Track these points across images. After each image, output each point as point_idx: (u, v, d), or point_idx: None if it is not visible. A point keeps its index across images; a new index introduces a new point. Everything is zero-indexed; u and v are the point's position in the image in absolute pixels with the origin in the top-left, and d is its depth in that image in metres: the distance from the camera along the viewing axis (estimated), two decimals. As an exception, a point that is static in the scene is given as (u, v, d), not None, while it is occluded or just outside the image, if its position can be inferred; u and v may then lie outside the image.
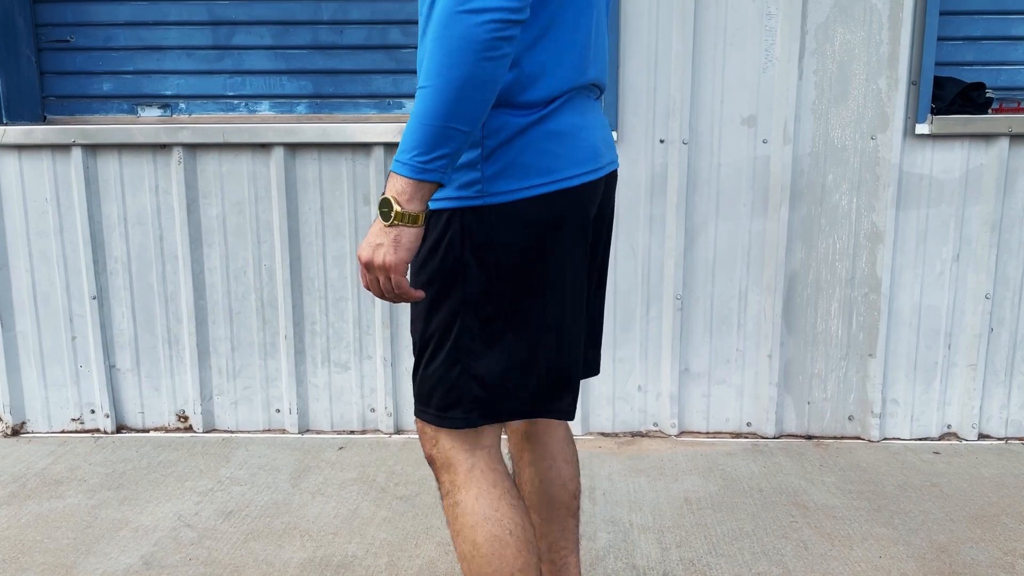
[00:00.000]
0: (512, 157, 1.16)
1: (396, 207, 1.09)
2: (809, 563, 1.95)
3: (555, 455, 1.49)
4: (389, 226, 1.10)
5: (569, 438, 1.52)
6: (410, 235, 1.11)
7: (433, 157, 1.07)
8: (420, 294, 1.18)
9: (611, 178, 1.37)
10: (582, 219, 1.23)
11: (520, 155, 1.16)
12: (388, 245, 1.11)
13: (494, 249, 1.17)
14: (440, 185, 1.10)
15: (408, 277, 1.18)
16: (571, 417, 1.32)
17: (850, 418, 2.70)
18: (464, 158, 1.17)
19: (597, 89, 1.32)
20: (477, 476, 1.25)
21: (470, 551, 1.23)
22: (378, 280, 1.14)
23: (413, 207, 1.09)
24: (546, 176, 1.17)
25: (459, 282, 1.19)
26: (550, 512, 1.50)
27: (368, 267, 1.13)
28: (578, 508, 1.53)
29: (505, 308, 1.20)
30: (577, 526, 1.54)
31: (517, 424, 1.51)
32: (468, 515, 1.23)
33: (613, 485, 2.36)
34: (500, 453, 1.31)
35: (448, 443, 1.27)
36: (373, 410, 2.76)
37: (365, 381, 2.75)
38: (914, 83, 2.51)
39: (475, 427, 1.25)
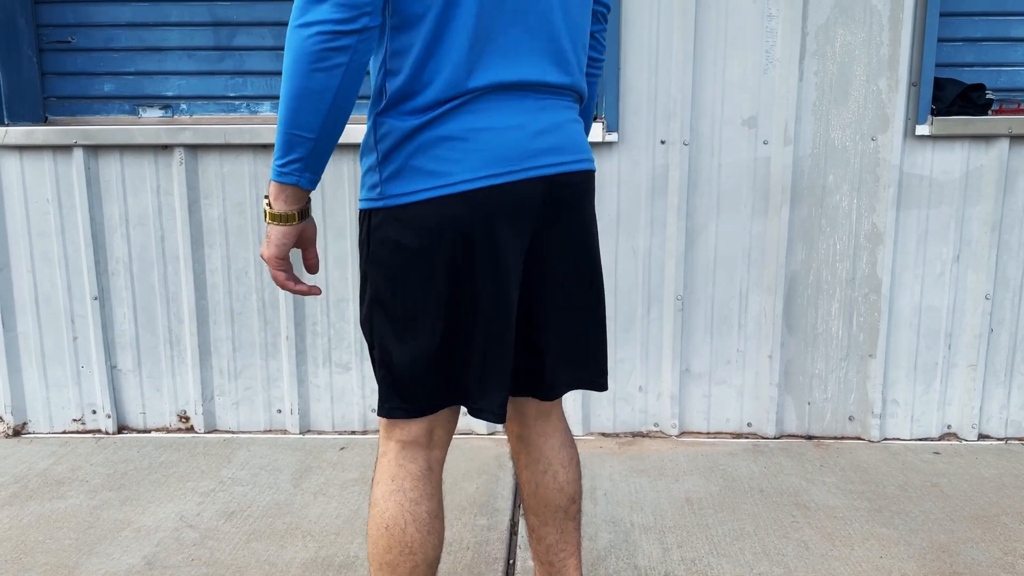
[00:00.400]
0: (404, 161, 1.21)
1: (266, 207, 1.20)
2: (810, 563, 1.95)
3: (550, 459, 1.48)
4: (267, 224, 1.23)
5: (566, 442, 1.51)
6: (279, 233, 1.21)
7: (287, 161, 1.15)
8: (301, 288, 1.27)
9: (563, 180, 1.30)
10: (488, 224, 1.22)
11: (411, 159, 1.21)
12: (264, 241, 1.24)
13: (391, 249, 1.23)
14: (300, 188, 1.18)
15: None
16: (497, 420, 1.30)
17: (850, 418, 2.71)
18: (368, 162, 1.25)
19: (541, 88, 1.27)
20: (384, 465, 1.33)
21: (368, 526, 1.35)
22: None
23: (279, 207, 1.19)
24: (436, 180, 1.20)
25: (370, 279, 1.28)
26: (546, 515, 1.50)
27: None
28: (577, 512, 1.53)
29: (406, 306, 1.25)
30: (577, 529, 1.53)
31: (513, 427, 1.51)
32: (373, 496, 1.34)
33: (614, 485, 2.37)
34: (419, 451, 1.33)
35: (381, 429, 1.36)
36: (374, 410, 2.76)
37: (366, 381, 2.75)
38: (914, 84, 2.51)
39: (393, 418, 1.31)
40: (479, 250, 1.23)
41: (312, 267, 1.33)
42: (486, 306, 1.26)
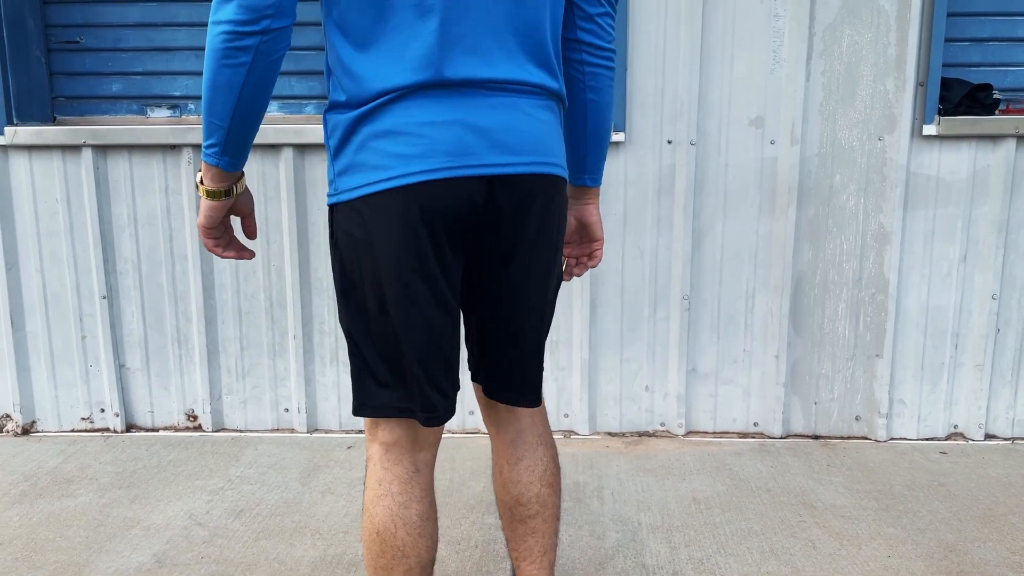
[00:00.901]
0: (351, 156, 1.25)
1: (198, 182, 1.30)
2: (818, 562, 1.96)
3: (499, 452, 1.47)
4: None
5: (520, 441, 1.46)
6: (205, 205, 1.30)
7: (208, 144, 1.24)
8: (228, 254, 1.36)
9: (508, 183, 1.26)
10: (427, 218, 1.22)
11: (357, 154, 1.24)
12: (198, 212, 1.34)
13: (347, 241, 1.27)
14: (221, 170, 1.26)
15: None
16: (430, 423, 1.30)
17: (857, 418, 2.71)
18: (328, 159, 1.30)
19: (490, 85, 1.25)
20: (370, 469, 1.34)
21: (361, 531, 1.36)
22: None
23: (208, 184, 1.28)
24: (378, 174, 1.22)
25: (335, 271, 1.32)
26: (500, 512, 1.51)
27: None
28: (529, 517, 1.46)
29: (361, 301, 1.28)
30: (531, 535, 1.47)
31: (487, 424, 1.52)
32: (363, 501, 1.34)
33: (621, 484, 2.37)
34: (403, 453, 1.33)
35: (365, 432, 1.38)
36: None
37: (373, 381, 2.75)
38: (921, 84, 2.52)
39: (366, 416, 1.34)
40: (405, 246, 1.24)
41: (250, 234, 1.39)
42: (424, 305, 1.26)
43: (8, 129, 2.59)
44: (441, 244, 1.25)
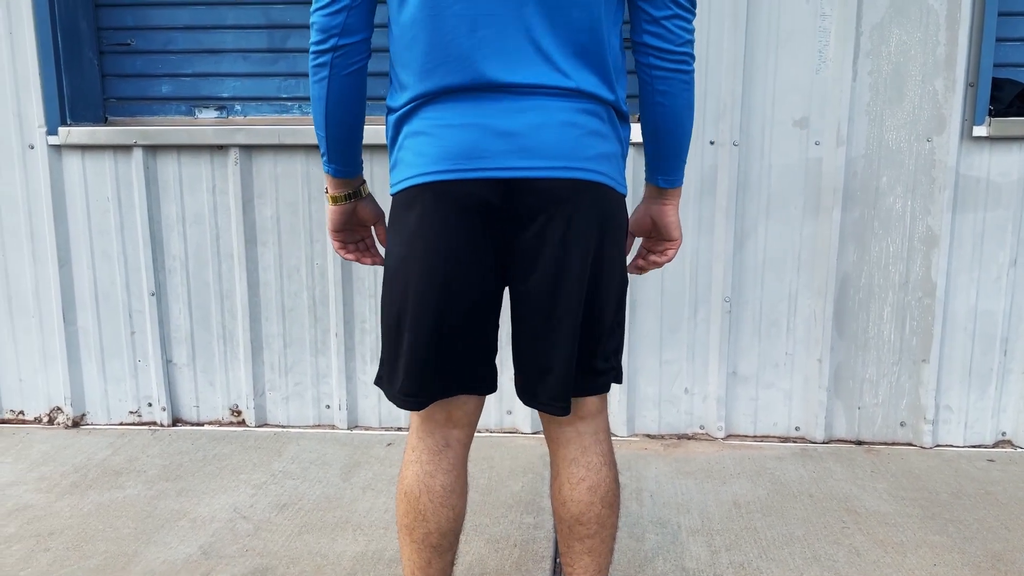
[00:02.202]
0: (397, 154, 1.35)
1: (325, 190, 1.46)
2: (862, 569, 1.93)
3: (559, 469, 1.45)
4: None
5: (583, 461, 1.43)
6: (329, 211, 1.46)
7: (321, 154, 1.40)
8: (349, 257, 1.51)
9: (526, 187, 1.27)
10: (445, 216, 1.27)
11: (400, 152, 1.34)
12: None
13: (391, 232, 1.37)
14: (335, 177, 1.41)
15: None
16: (402, 405, 1.38)
17: (902, 424, 2.67)
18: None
19: (519, 89, 1.27)
20: (409, 436, 1.46)
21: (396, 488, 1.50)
22: None
23: (329, 191, 1.44)
24: (407, 172, 1.31)
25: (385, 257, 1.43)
26: (557, 526, 1.49)
27: None
28: (587, 536, 1.44)
29: (394, 286, 1.37)
30: (587, 554, 1.46)
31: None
32: (401, 462, 1.48)
33: (660, 487, 2.36)
34: (435, 427, 1.42)
35: None
36: (421, 408, 2.79)
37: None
38: (971, 85, 2.47)
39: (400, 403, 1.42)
40: (424, 241, 1.30)
41: (383, 242, 1.48)
42: (415, 300, 1.32)
43: (62, 130, 2.67)
44: (461, 240, 1.29)
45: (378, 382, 1.44)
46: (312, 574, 1.92)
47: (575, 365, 1.36)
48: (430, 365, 1.34)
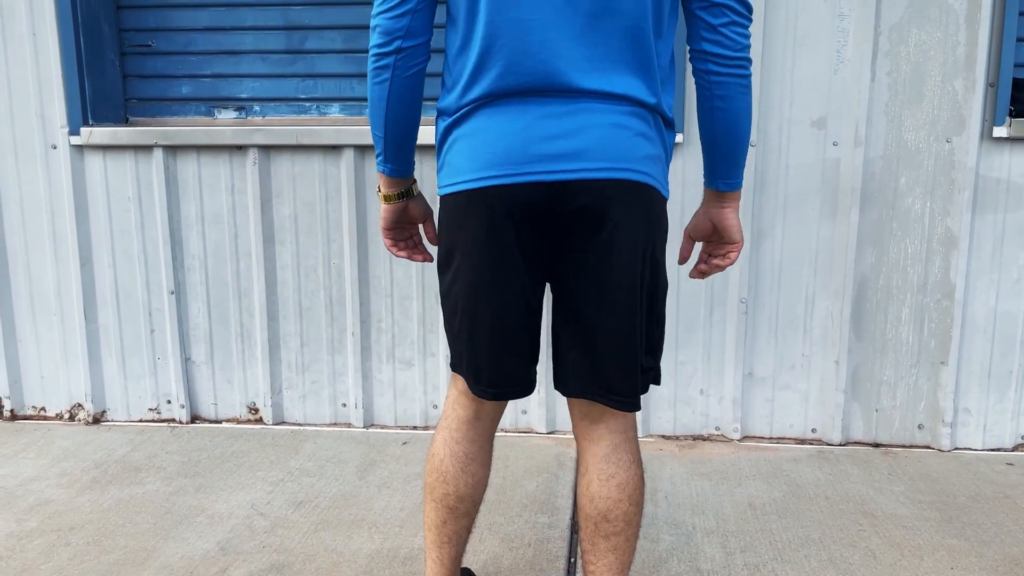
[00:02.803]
0: (445, 157, 1.40)
1: (377, 189, 1.51)
2: (878, 572, 1.92)
3: (587, 465, 1.47)
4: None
5: (614, 457, 1.45)
6: (382, 209, 1.51)
7: (377, 153, 1.44)
8: (401, 254, 1.57)
9: (574, 188, 1.30)
10: (491, 220, 1.33)
11: (447, 155, 1.39)
12: None
13: (439, 229, 1.44)
14: (388, 176, 1.45)
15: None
16: (485, 396, 1.44)
17: (920, 427, 2.65)
18: None
19: (568, 94, 1.30)
20: (445, 405, 1.57)
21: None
22: None
23: (382, 189, 1.49)
24: (456, 176, 1.35)
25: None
26: (581, 521, 1.49)
27: None
28: (613, 534, 1.46)
29: (444, 282, 1.44)
30: (612, 552, 1.47)
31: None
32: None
33: (675, 488, 2.36)
34: (469, 400, 1.51)
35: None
36: (436, 407, 2.81)
37: (428, 378, 2.79)
38: (992, 85, 2.45)
39: (452, 370, 1.51)
40: (473, 243, 1.36)
41: (430, 238, 1.56)
42: (465, 295, 1.39)
43: (84, 130, 2.70)
44: (508, 243, 1.34)
45: (456, 369, 1.50)
46: (328, 571, 1.93)
47: (635, 364, 1.40)
48: (487, 361, 1.42)
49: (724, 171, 1.45)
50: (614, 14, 1.29)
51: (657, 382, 1.50)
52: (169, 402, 2.88)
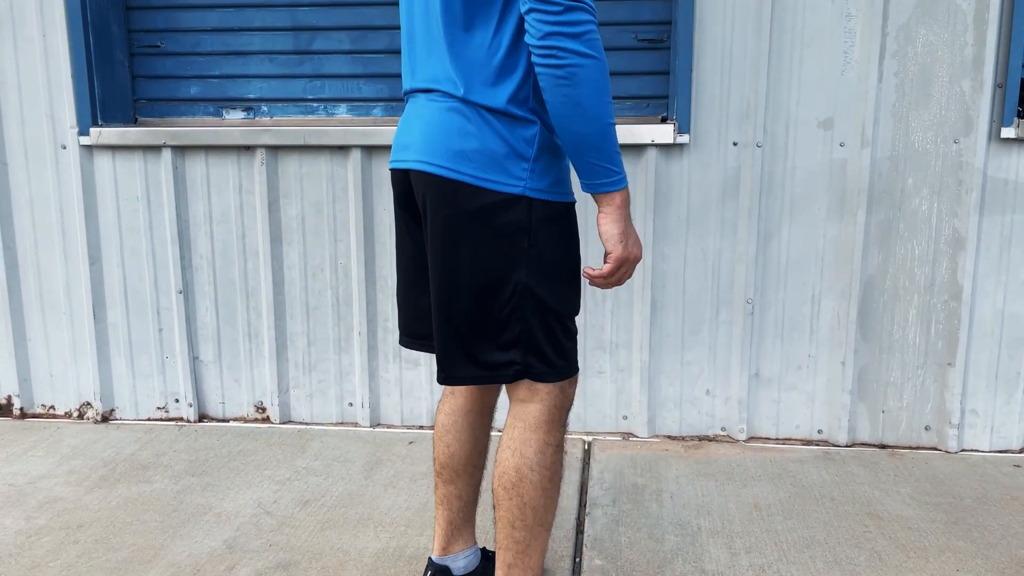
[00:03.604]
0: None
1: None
2: (883, 574, 1.92)
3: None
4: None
5: (504, 437, 1.50)
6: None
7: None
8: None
9: (417, 178, 1.44)
10: (400, 197, 1.54)
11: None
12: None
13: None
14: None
15: None
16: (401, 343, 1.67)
17: (927, 428, 2.64)
18: None
19: (430, 92, 1.43)
20: None
21: None
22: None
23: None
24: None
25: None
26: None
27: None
28: (496, 505, 1.52)
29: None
30: (498, 521, 1.52)
31: None
32: None
33: (680, 488, 2.36)
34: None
35: None
36: (442, 407, 2.81)
37: (434, 377, 2.80)
38: (1000, 86, 2.44)
39: None
40: (401, 217, 1.58)
41: None
42: (404, 264, 1.61)
43: (93, 130, 2.72)
44: (403, 219, 1.57)
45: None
46: (334, 569, 1.94)
47: (453, 346, 1.46)
48: (399, 317, 1.72)
49: (578, 170, 1.37)
50: (429, 9, 1.41)
51: (536, 378, 1.45)
52: (177, 401, 2.90)
